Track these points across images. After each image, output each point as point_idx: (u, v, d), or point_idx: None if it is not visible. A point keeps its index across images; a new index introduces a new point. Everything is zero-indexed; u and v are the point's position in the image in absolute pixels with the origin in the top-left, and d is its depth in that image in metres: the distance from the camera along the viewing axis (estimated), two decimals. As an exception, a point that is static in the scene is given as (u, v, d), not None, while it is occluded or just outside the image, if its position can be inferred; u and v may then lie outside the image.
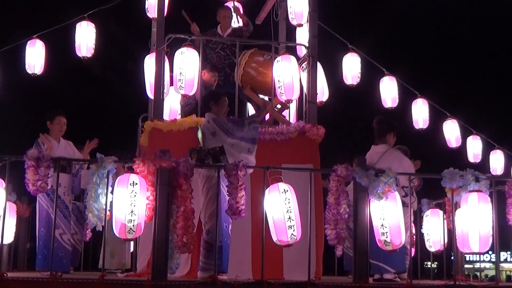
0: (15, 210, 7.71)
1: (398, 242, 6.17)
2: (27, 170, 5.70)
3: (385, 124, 7.49)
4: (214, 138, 6.65)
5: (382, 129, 7.44)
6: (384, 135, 7.39)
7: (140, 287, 5.52)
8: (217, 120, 6.72)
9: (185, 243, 5.83)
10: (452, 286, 6.18)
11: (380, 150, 7.27)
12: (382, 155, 7.14)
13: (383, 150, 7.26)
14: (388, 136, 7.41)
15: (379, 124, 7.50)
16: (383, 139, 7.37)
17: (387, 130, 7.42)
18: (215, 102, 6.93)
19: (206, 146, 6.65)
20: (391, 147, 7.42)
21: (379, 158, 7.08)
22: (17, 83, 11.87)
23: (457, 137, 10.27)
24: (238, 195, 5.94)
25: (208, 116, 6.86)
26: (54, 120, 7.59)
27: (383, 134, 7.40)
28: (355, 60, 9.35)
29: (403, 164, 7.17)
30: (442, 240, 7.33)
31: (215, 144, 6.63)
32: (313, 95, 8.21)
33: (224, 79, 8.76)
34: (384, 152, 7.23)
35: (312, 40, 8.44)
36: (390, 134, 7.45)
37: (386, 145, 7.35)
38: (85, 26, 8.83)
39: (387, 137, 7.40)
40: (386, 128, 7.44)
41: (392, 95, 9.56)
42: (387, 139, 7.38)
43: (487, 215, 6.13)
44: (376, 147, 7.36)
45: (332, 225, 6.13)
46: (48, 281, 5.54)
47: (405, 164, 7.22)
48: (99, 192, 5.79)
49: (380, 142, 7.37)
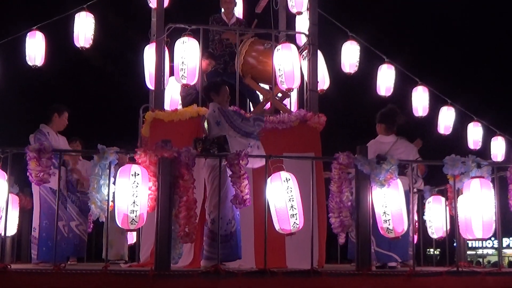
0: (17, 202, 7.75)
1: (400, 229, 6.18)
2: (29, 162, 5.71)
3: (398, 116, 7.52)
4: (218, 127, 6.66)
5: (392, 120, 7.46)
6: (394, 125, 7.43)
7: (143, 277, 5.54)
8: (222, 110, 6.74)
9: (188, 233, 5.84)
10: (455, 272, 6.19)
11: (391, 140, 7.30)
12: (393, 145, 7.18)
13: (393, 140, 7.30)
14: (395, 128, 7.47)
15: (388, 116, 7.51)
16: (393, 129, 7.41)
17: (395, 121, 7.45)
18: (216, 93, 6.95)
19: (211, 135, 6.66)
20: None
21: (389, 148, 7.12)
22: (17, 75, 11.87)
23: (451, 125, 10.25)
24: (242, 185, 5.95)
25: (213, 105, 6.87)
26: (62, 114, 7.69)
27: (394, 125, 7.43)
28: (354, 49, 9.32)
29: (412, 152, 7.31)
30: (444, 227, 7.34)
31: (219, 133, 6.64)
32: (314, 83, 8.20)
33: (223, 67, 8.74)
34: (394, 142, 7.27)
35: (312, 28, 8.41)
36: (396, 126, 7.50)
37: (395, 136, 7.40)
38: (84, 16, 8.81)
39: (395, 128, 7.45)
40: (394, 119, 7.47)
41: (390, 83, 9.54)
42: (395, 130, 7.43)
43: (490, 201, 6.14)
44: (385, 137, 7.38)
45: (336, 213, 6.15)
46: (52, 272, 5.54)
47: (414, 151, 7.34)
48: (101, 183, 5.80)
49: (390, 132, 7.39)
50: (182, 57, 7.71)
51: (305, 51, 8.41)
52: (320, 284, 5.77)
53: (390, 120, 7.46)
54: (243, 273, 5.72)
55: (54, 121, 7.64)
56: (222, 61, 8.74)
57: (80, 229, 7.92)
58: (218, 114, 6.70)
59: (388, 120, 7.46)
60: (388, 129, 7.45)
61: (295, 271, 5.89)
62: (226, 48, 8.81)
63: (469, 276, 6.18)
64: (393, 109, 7.60)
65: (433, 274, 6.11)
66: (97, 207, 5.79)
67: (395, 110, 7.61)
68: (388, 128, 7.45)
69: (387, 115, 7.49)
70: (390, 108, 7.63)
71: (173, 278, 5.58)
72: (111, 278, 5.53)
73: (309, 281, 5.77)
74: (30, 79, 14.68)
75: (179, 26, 7.96)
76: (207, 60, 8.45)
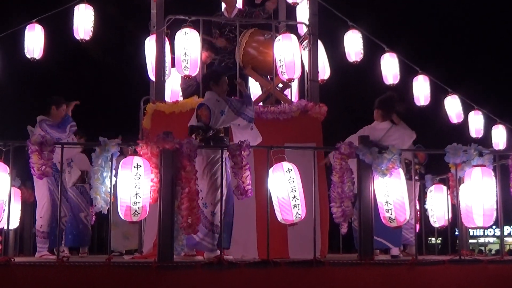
0: (19, 195, 7.76)
1: (402, 218, 6.19)
2: (31, 155, 5.72)
3: (395, 103, 7.51)
4: (222, 118, 6.62)
5: (392, 106, 7.46)
6: (391, 112, 7.42)
7: (146, 268, 5.55)
8: (226, 98, 6.74)
9: (190, 224, 5.84)
10: (457, 261, 6.21)
11: (385, 127, 7.29)
12: (387, 132, 7.16)
13: (387, 127, 7.28)
14: (392, 115, 7.45)
15: (385, 102, 7.51)
16: (389, 116, 7.40)
17: (392, 109, 7.45)
18: (215, 82, 6.91)
19: (213, 125, 6.60)
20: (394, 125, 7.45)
21: (383, 135, 7.10)
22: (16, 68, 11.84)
23: (458, 113, 10.24)
24: (244, 175, 5.95)
25: (212, 94, 6.79)
26: (60, 106, 7.77)
27: (390, 112, 7.43)
28: (357, 37, 9.28)
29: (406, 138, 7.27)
30: (446, 216, 7.35)
31: (221, 124, 6.62)
32: (315, 73, 8.20)
33: (234, 62, 8.64)
34: (388, 129, 7.25)
35: (312, 18, 8.40)
36: (394, 113, 7.48)
37: (389, 122, 7.37)
38: (83, 8, 8.77)
39: (391, 115, 7.43)
40: (395, 107, 7.46)
41: (393, 71, 9.51)
42: (391, 117, 7.42)
43: (491, 190, 6.15)
44: (380, 124, 7.37)
45: (337, 203, 6.15)
46: (55, 264, 5.56)
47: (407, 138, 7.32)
48: (104, 175, 5.80)
49: (386, 118, 7.38)
50: (184, 48, 7.69)
51: (306, 41, 8.40)
52: (323, 274, 5.79)
53: (387, 106, 7.46)
54: (245, 264, 5.73)
55: (52, 113, 7.69)
56: (232, 55, 8.63)
57: (88, 220, 8.24)
58: (223, 104, 6.66)
59: (385, 106, 7.46)
60: (384, 115, 7.45)
61: (297, 261, 5.91)
62: (234, 42, 8.75)
63: (471, 264, 6.19)
64: (391, 96, 7.60)
65: (435, 263, 6.12)
66: (102, 199, 5.80)
67: (393, 97, 7.61)
68: (384, 115, 7.45)
69: (384, 102, 7.50)
70: (388, 95, 7.64)
71: (176, 269, 5.60)
72: (114, 270, 5.55)
73: (312, 271, 5.79)
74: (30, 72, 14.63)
75: (179, 17, 7.95)
76: (206, 52, 8.44)
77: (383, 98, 7.53)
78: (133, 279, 5.52)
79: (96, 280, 5.48)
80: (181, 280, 5.56)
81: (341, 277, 5.84)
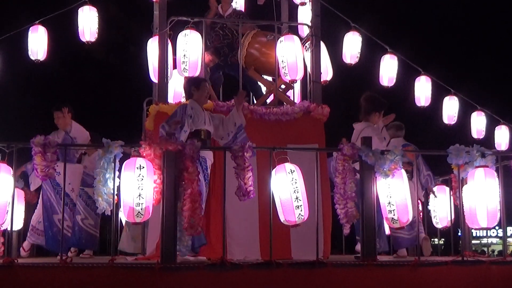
0: (23, 196, 7.77)
1: (405, 219, 6.19)
2: (35, 157, 5.73)
3: (371, 103, 7.54)
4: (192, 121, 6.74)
5: (368, 107, 7.51)
6: (369, 113, 7.45)
7: (149, 270, 5.55)
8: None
9: (193, 225, 5.85)
10: (460, 262, 6.20)
11: (359, 128, 7.31)
12: (361, 133, 7.17)
13: (361, 128, 7.30)
14: (373, 115, 7.47)
15: (365, 101, 7.57)
16: (367, 117, 7.43)
17: (372, 109, 7.47)
18: (196, 88, 6.99)
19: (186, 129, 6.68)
20: (374, 125, 7.46)
21: (358, 136, 7.13)
22: (20, 69, 11.88)
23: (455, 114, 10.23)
24: (246, 176, 5.95)
25: (191, 103, 6.91)
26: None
27: (368, 112, 7.46)
28: (356, 39, 9.29)
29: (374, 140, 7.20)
30: (449, 217, 7.35)
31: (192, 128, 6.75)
32: (317, 74, 8.20)
33: (223, 59, 8.71)
34: (361, 130, 7.27)
35: (315, 19, 8.41)
36: (375, 113, 7.49)
37: (366, 123, 7.39)
38: (87, 10, 8.81)
39: (372, 115, 7.46)
40: (372, 107, 7.49)
41: (391, 74, 9.52)
42: (371, 118, 7.44)
43: (494, 190, 6.14)
44: (357, 124, 7.41)
45: (341, 204, 6.15)
46: (58, 266, 5.57)
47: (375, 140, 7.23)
48: (107, 176, 5.82)
49: (363, 119, 7.44)
50: (184, 50, 7.70)
51: (308, 43, 8.41)
52: (326, 275, 5.79)
53: (363, 108, 7.56)
54: (248, 265, 5.73)
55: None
56: (221, 53, 8.71)
57: (85, 223, 7.95)
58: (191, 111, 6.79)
59: (361, 108, 7.57)
60: (363, 116, 7.54)
61: (300, 263, 5.90)
62: (224, 40, 8.79)
63: (474, 265, 6.19)
64: (365, 98, 7.65)
65: (438, 264, 6.12)
66: (104, 200, 5.81)
67: (368, 98, 7.66)
68: (362, 116, 7.55)
69: (360, 103, 7.61)
70: (364, 96, 7.69)
71: (179, 270, 5.60)
72: (117, 271, 5.55)
73: (315, 272, 5.78)
74: (33, 74, 14.68)
75: (182, 19, 7.96)
76: (210, 56, 8.44)
77: (363, 98, 7.60)
78: (136, 280, 5.52)
79: (99, 282, 5.49)
80: (184, 281, 5.56)
81: (344, 278, 5.84)
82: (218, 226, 6.84)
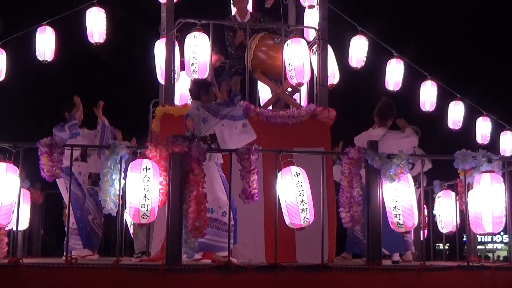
0: (29, 196, 7.78)
1: (411, 224, 6.18)
2: (41, 157, 5.74)
3: (391, 109, 7.60)
4: (204, 124, 6.67)
5: (388, 113, 7.53)
6: (387, 119, 7.46)
7: (154, 271, 5.56)
8: (205, 105, 6.77)
9: (198, 227, 5.85)
10: (465, 267, 6.19)
11: (379, 134, 7.32)
12: (382, 138, 7.18)
13: (382, 133, 7.31)
14: (389, 121, 7.51)
15: (386, 107, 7.57)
16: (385, 122, 7.44)
17: (390, 115, 7.52)
18: (205, 92, 6.96)
19: (198, 134, 6.65)
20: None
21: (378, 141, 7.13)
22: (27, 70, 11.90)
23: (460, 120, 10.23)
24: (251, 179, 5.95)
25: (196, 103, 6.86)
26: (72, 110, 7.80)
27: (386, 118, 7.48)
28: (363, 43, 9.29)
29: (402, 144, 7.21)
30: (454, 222, 7.33)
31: (206, 131, 6.66)
32: (324, 78, 8.20)
33: (244, 67, 8.62)
34: (382, 136, 7.27)
35: (322, 23, 8.42)
36: (391, 119, 7.53)
37: (385, 129, 7.41)
38: (96, 12, 8.83)
39: (388, 121, 7.48)
40: (391, 113, 7.56)
41: (397, 79, 9.53)
42: (387, 123, 7.46)
43: (500, 196, 6.13)
44: (374, 130, 7.43)
45: (346, 208, 6.14)
46: (63, 266, 5.58)
47: (404, 143, 7.26)
48: (114, 177, 5.83)
49: (381, 125, 7.42)
50: (193, 52, 7.72)
51: (315, 46, 8.41)
52: (330, 279, 5.78)
53: (381, 113, 7.55)
54: (253, 268, 5.74)
55: (67, 119, 7.71)
56: (242, 61, 8.63)
57: (95, 223, 8.00)
58: (203, 111, 6.70)
59: (380, 113, 7.56)
60: (380, 122, 7.53)
61: (305, 266, 5.90)
62: (245, 49, 8.76)
63: (479, 270, 6.18)
64: (385, 103, 7.66)
65: (443, 269, 6.11)
66: (111, 201, 5.82)
67: (388, 103, 7.66)
68: (379, 121, 7.53)
69: (379, 108, 7.58)
70: (383, 101, 7.69)
71: (184, 272, 5.61)
72: (122, 272, 5.57)
73: (319, 275, 5.78)
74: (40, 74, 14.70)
75: (189, 21, 7.97)
76: (216, 56, 8.45)
77: (378, 105, 7.61)
78: (141, 282, 5.53)
79: (104, 282, 5.50)
80: (189, 283, 5.57)
81: (349, 282, 5.83)
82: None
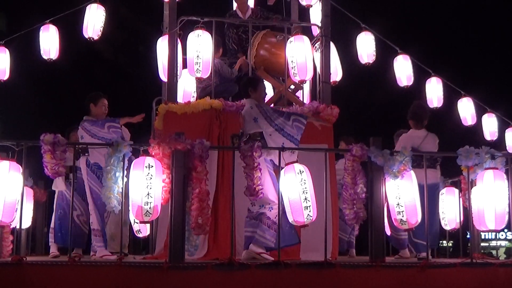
0: (32, 195, 7.79)
1: (414, 221, 6.17)
2: (44, 155, 5.75)
3: (425, 111, 7.85)
4: (255, 124, 6.65)
5: (424, 115, 7.75)
6: (423, 120, 7.69)
7: (158, 269, 5.57)
8: (260, 107, 6.73)
9: (200, 224, 5.85)
10: (469, 264, 6.18)
11: (422, 135, 7.56)
12: (425, 139, 7.49)
13: (424, 135, 7.56)
14: (425, 122, 7.73)
15: (424, 110, 7.87)
16: (422, 124, 7.68)
17: (425, 117, 7.73)
18: (253, 88, 6.93)
19: (247, 131, 6.65)
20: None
21: (421, 142, 7.46)
22: (32, 68, 11.91)
23: (472, 115, 10.23)
24: (254, 176, 5.95)
25: (250, 102, 6.83)
26: (98, 102, 7.52)
27: (423, 120, 7.70)
28: (369, 39, 9.29)
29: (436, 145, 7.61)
30: (457, 219, 7.32)
31: (255, 130, 6.64)
32: (327, 75, 8.19)
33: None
34: (425, 136, 7.55)
35: (325, 20, 8.39)
36: (426, 121, 7.75)
37: (425, 130, 7.66)
38: (95, 8, 8.79)
39: (424, 123, 7.70)
40: (425, 115, 7.76)
41: (407, 73, 9.50)
42: (424, 124, 7.69)
43: (503, 193, 6.12)
44: (418, 131, 7.63)
45: (350, 205, 6.13)
46: (67, 264, 5.59)
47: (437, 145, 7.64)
48: (117, 175, 5.83)
49: (420, 126, 7.66)
50: (197, 51, 7.70)
51: (318, 43, 8.40)
52: (334, 276, 5.78)
53: (416, 116, 7.73)
54: (256, 265, 5.74)
55: (92, 111, 7.47)
56: (245, 56, 8.64)
57: (81, 219, 7.53)
58: (256, 111, 6.67)
59: (414, 116, 7.73)
60: (417, 124, 7.70)
61: (308, 263, 5.90)
62: (246, 44, 8.76)
63: (483, 267, 6.17)
64: (418, 106, 7.89)
65: (447, 266, 6.10)
66: (114, 198, 5.82)
67: (421, 106, 7.94)
68: (416, 123, 7.70)
69: (413, 112, 7.77)
70: (416, 104, 7.91)
71: (187, 270, 5.61)
72: (126, 270, 5.57)
73: (323, 272, 5.78)
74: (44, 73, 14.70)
75: (192, 18, 7.96)
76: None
77: (411, 109, 7.79)
78: (144, 280, 5.54)
79: (107, 280, 5.51)
80: (192, 280, 5.57)
81: (352, 279, 5.83)
82: (226, 225, 6.85)
